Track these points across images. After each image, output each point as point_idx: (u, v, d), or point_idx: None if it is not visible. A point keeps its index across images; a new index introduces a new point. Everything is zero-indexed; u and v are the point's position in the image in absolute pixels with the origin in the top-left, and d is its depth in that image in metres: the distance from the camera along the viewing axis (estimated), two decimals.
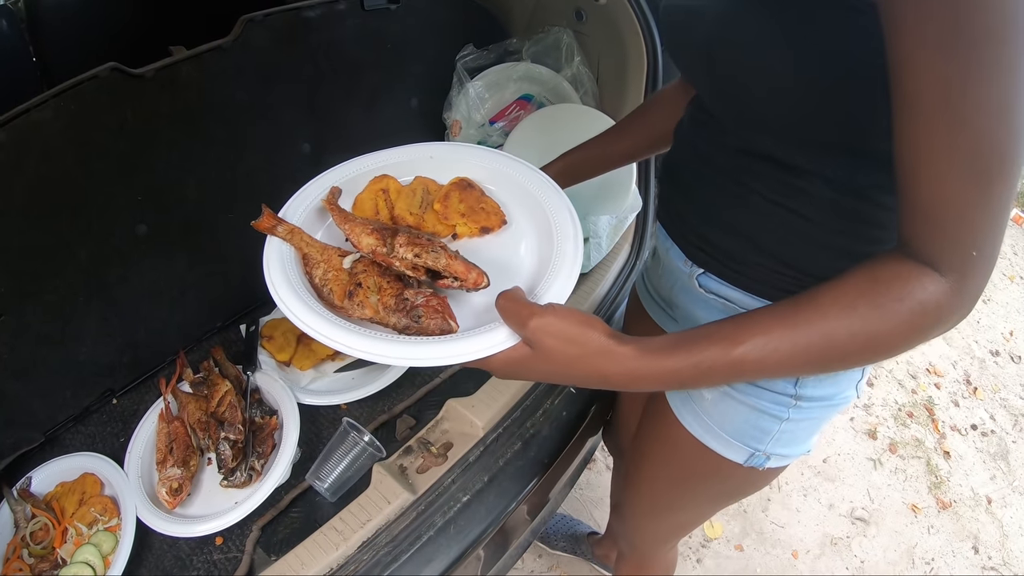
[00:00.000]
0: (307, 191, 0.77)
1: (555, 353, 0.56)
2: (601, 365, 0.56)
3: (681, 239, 0.84)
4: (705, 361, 0.55)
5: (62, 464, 1.06)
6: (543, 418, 1.10)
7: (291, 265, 0.67)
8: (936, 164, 0.49)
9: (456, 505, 0.98)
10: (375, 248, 0.66)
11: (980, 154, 0.47)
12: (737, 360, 0.55)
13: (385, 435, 1.10)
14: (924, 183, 0.50)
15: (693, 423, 0.88)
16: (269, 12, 1.07)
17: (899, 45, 0.47)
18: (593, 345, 0.55)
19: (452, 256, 0.65)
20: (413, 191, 0.80)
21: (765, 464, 0.86)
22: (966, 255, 0.51)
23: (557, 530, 1.76)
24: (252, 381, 1.14)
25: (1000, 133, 0.47)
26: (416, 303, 0.62)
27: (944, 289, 0.52)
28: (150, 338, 1.21)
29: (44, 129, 0.92)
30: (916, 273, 0.53)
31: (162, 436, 1.08)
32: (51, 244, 1.00)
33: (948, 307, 0.53)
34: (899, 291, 0.53)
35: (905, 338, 0.54)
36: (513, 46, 1.48)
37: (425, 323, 0.61)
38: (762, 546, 1.95)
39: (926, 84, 0.46)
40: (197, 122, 1.09)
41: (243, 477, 1.01)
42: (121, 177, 1.04)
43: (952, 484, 2.21)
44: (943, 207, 0.50)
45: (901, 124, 0.50)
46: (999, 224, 0.51)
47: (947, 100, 0.46)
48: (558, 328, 0.55)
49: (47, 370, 1.08)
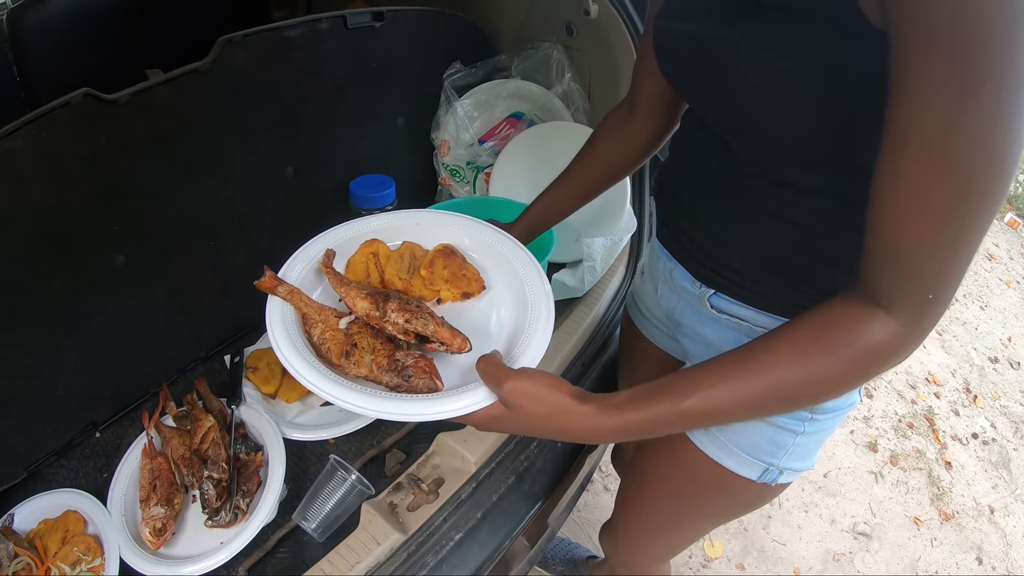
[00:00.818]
0: (304, 252, 0.83)
1: (526, 412, 0.63)
2: (566, 422, 0.62)
3: (689, 260, 0.84)
4: (656, 416, 0.60)
5: (45, 501, 1.02)
6: (537, 450, 1.07)
7: (291, 324, 0.73)
8: (914, 203, 0.49)
9: (449, 544, 0.95)
10: (369, 312, 0.74)
11: (962, 199, 0.47)
12: (684, 413, 0.59)
13: (374, 470, 1.07)
14: (897, 221, 0.51)
15: (704, 440, 0.87)
16: (248, 32, 1.04)
17: (902, 79, 0.46)
18: (559, 405, 0.62)
19: (439, 323, 0.72)
20: (401, 256, 0.87)
21: (778, 479, 0.85)
22: (922, 298, 0.52)
23: (555, 554, 1.73)
24: (237, 415, 1.10)
25: (986, 180, 0.46)
26: (407, 364, 0.69)
27: (892, 330, 0.54)
28: (132, 370, 1.17)
29: (15, 158, 0.89)
30: (865, 316, 0.55)
31: (145, 473, 1.04)
32: (25, 277, 0.96)
33: (895, 347, 0.55)
34: (849, 335, 0.55)
35: (853, 379, 0.58)
36: (502, 63, 1.45)
37: (415, 382, 0.68)
38: (763, 564, 1.92)
39: (921, 121, 0.46)
40: (175, 148, 1.06)
41: (228, 517, 0.97)
42: (97, 206, 1.00)
43: (954, 495, 2.19)
44: (909, 248, 0.51)
45: (886, 156, 0.50)
46: (962, 270, 0.52)
47: (940, 140, 0.46)
48: (529, 391, 0.63)
49: (26, 404, 1.04)
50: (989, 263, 3.31)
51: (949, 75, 0.44)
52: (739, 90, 0.63)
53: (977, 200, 0.47)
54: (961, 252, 0.50)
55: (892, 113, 0.48)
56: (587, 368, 1.25)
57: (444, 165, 1.53)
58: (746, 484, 0.86)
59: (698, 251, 0.81)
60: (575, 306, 1.32)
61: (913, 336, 0.55)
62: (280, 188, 1.24)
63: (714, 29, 0.63)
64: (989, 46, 0.42)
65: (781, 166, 0.67)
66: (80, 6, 1.43)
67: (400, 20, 1.28)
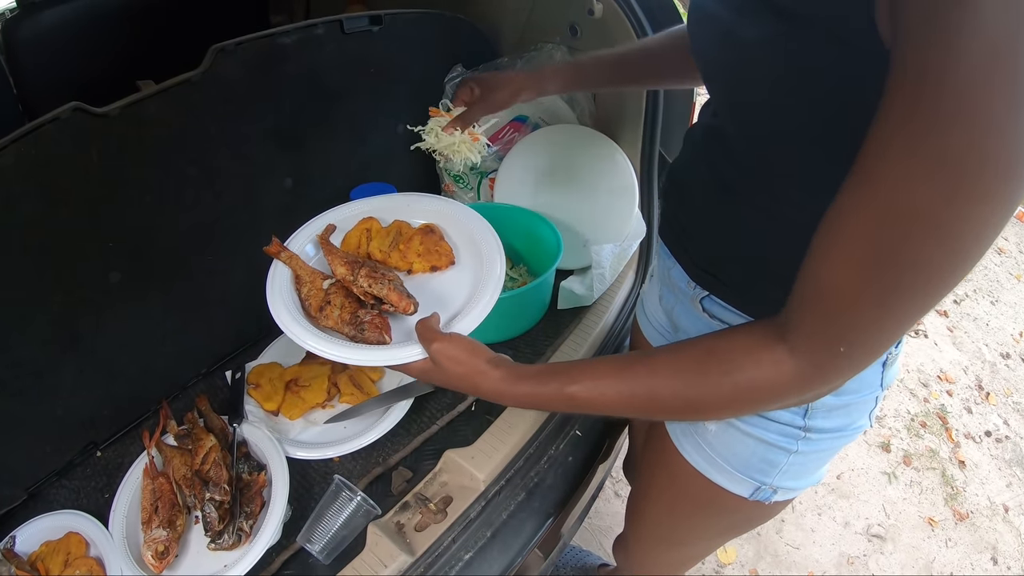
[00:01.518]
0: (310, 226, 0.98)
1: (447, 370, 0.73)
2: (477, 382, 0.71)
3: (687, 260, 0.81)
4: (547, 392, 0.68)
5: (46, 522, 1.01)
6: (548, 466, 1.04)
7: (286, 283, 0.89)
8: (850, 247, 0.46)
9: (458, 564, 0.92)
10: (344, 276, 0.88)
11: (897, 261, 0.44)
12: (569, 395, 0.66)
13: (380, 489, 1.04)
14: (830, 260, 0.48)
15: (694, 454, 0.85)
16: (241, 40, 1.00)
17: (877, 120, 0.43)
18: (473, 367, 0.71)
19: (392, 289, 0.85)
20: (389, 232, 0.99)
21: (772, 498, 0.83)
22: (831, 347, 0.50)
23: (567, 562, 1.71)
24: (239, 433, 1.08)
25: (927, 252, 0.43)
26: (363, 320, 0.82)
27: (784, 370, 0.54)
28: (131, 388, 1.14)
29: (5, 175, 0.86)
30: (756, 349, 0.55)
31: (147, 494, 1.02)
32: (18, 297, 0.94)
33: (785, 388, 0.55)
34: (728, 365, 0.57)
35: (731, 406, 0.60)
36: (504, 65, 1.42)
37: (367, 335, 0.81)
38: (777, 569, 1.89)
39: (881, 170, 0.43)
40: (169, 161, 1.03)
41: (231, 540, 0.94)
42: (90, 223, 0.98)
43: (968, 494, 2.16)
44: (834, 292, 0.48)
45: (845, 183, 0.46)
46: (885, 335, 0.49)
47: (891, 195, 0.42)
48: (450, 352, 0.72)
49: (25, 425, 1.03)
50: (999, 257, 3.27)
51: (920, 129, 0.40)
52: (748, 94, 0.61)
53: (921, 273, 0.45)
54: (888, 317, 0.47)
55: (864, 144, 0.45)
56: None
57: (447, 171, 1.50)
58: (739, 501, 0.84)
59: (696, 251, 0.79)
60: (584, 315, 1.29)
61: (808, 382, 0.54)
62: (279, 199, 1.21)
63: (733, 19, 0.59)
64: (977, 116, 0.38)
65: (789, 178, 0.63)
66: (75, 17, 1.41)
67: (398, 23, 1.25)
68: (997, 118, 0.38)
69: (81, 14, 1.41)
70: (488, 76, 1.02)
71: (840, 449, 0.81)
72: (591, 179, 1.38)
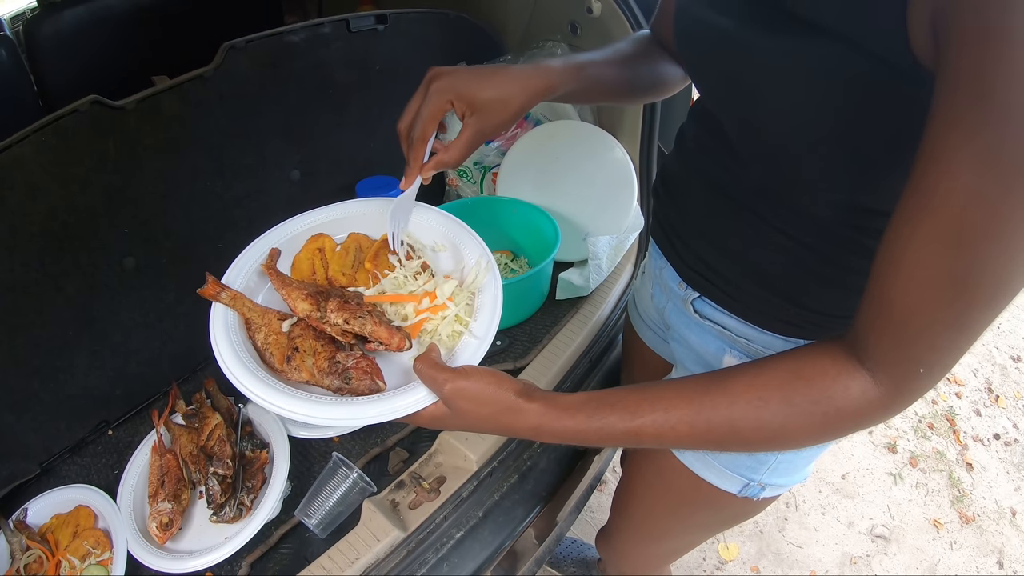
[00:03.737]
0: (248, 254, 0.80)
1: (469, 414, 0.61)
2: (511, 421, 0.60)
3: (678, 261, 0.81)
4: (606, 427, 0.57)
5: (57, 496, 1.05)
6: (541, 450, 1.07)
7: (235, 330, 0.71)
8: (921, 269, 0.44)
9: (449, 542, 0.95)
10: (310, 313, 0.71)
11: (971, 280, 0.43)
12: (635, 430, 0.57)
13: (378, 468, 1.08)
14: (900, 283, 0.46)
15: (684, 451, 0.86)
16: (251, 38, 1.06)
17: (937, 130, 0.41)
18: (503, 404, 0.60)
19: (377, 322, 0.69)
20: (347, 250, 0.83)
21: (760, 494, 0.83)
22: (912, 370, 0.48)
23: (567, 555, 1.73)
24: (244, 413, 1.12)
25: (1000, 267, 0.42)
26: (347, 366, 0.67)
27: (871, 397, 0.50)
28: (143, 370, 1.19)
29: (26, 165, 0.91)
30: (844, 375, 0.51)
31: (154, 469, 1.06)
32: (37, 279, 0.99)
33: (870, 414, 0.52)
34: (819, 392, 0.51)
35: (814, 436, 0.54)
36: (507, 63, 1.45)
37: (355, 384, 0.65)
38: (779, 567, 1.90)
39: (948, 185, 0.41)
40: (182, 152, 1.08)
41: (232, 512, 0.98)
42: (106, 210, 1.03)
43: (975, 497, 2.14)
44: (908, 316, 0.46)
45: (904, 205, 0.45)
46: (961, 351, 0.47)
47: (962, 213, 0.41)
48: (471, 393, 0.60)
49: (40, 403, 1.07)
50: None
51: (991, 142, 0.38)
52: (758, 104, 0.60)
53: (996, 289, 0.43)
54: (964, 332, 0.46)
55: (919, 163, 0.43)
56: (593, 367, 1.24)
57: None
58: (727, 498, 0.84)
59: (688, 252, 0.79)
60: (581, 305, 1.32)
61: (892, 406, 0.51)
62: (286, 191, 1.26)
63: (743, 31, 0.58)
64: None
65: (789, 184, 0.63)
66: (93, 16, 1.46)
67: (403, 22, 1.29)
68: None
69: (98, 14, 1.47)
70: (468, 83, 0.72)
71: (827, 446, 0.80)
72: (591, 174, 1.41)
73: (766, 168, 0.65)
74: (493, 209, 1.39)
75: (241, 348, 0.69)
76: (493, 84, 0.72)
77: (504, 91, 0.72)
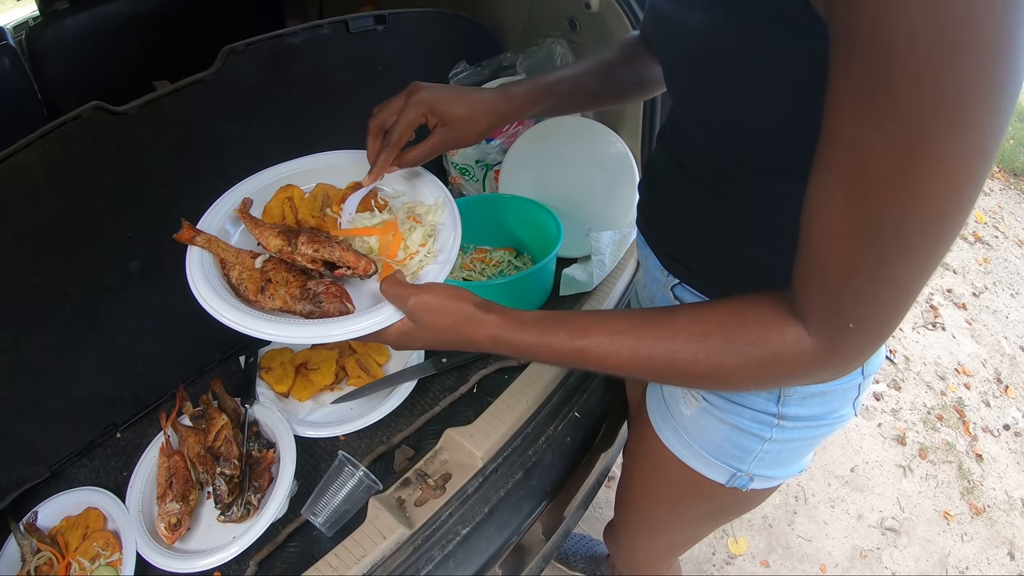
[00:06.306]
0: (220, 204, 0.86)
1: (432, 325, 0.65)
2: (469, 330, 0.64)
3: (658, 248, 0.83)
4: (554, 343, 0.61)
5: (67, 499, 1.07)
6: (546, 445, 1.07)
7: (210, 269, 0.77)
8: (831, 221, 0.45)
9: (455, 539, 0.95)
10: (281, 248, 0.77)
11: (874, 230, 0.43)
12: (580, 349, 0.60)
13: (384, 466, 1.08)
14: (815, 234, 0.47)
15: (672, 439, 0.86)
16: (251, 41, 1.06)
17: (832, 89, 0.43)
18: (463, 314, 0.64)
19: (345, 249, 0.75)
20: (315, 196, 0.90)
21: (748, 485, 0.83)
22: (840, 324, 0.49)
23: (576, 550, 1.73)
24: (250, 414, 1.13)
25: (900, 218, 0.42)
26: (318, 291, 0.72)
27: (805, 347, 0.52)
28: (150, 372, 1.20)
29: (30, 171, 0.92)
30: (780, 322, 0.53)
31: (162, 471, 1.07)
32: (43, 284, 1.00)
33: (807, 366, 0.53)
34: (756, 335, 0.54)
35: (751, 379, 0.56)
36: (507, 60, 1.46)
37: (326, 307, 0.71)
38: (788, 561, 1.89)
39: (845, 138, 0.42)
40: (184, 156, 1.08)
41: (239, 512, 0.99)
42: (111, 215, 1.04)
43: (985, 488, 2.14)
44: (825, 266, 0.47)
45: (815, 165, 0.46)
46: (891, 307, 0.48)
47: (858, 162, 0.42)
48: (433, 304, 0.65)
49: (48, 406, 1.08)
50: (1020, 250, 3.21)
51: (872, 89, 0.39)
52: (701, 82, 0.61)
53: (906, 239, 0.43)
54: (887, 287, 0.46)
55: (824, 116, 0.44)
56: None
57: (453, 164, 1.54)
58: (717, 488, 0.84)
59: (667, 240, 0.80)
60: (585, 300, 1.32)
61: (830, 361, 0.52)
62: None
63: (683, 13, 0.60)
64: (918, 70, 0.37)
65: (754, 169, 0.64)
66: (94, 23, 1.48)
67: (402, 22, 1.29)
68: (937, 69, 0.37)
69: (100, 21, 1.48)
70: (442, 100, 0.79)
71: (823, 439, 0.80)
72: (593, 169, 1.41)
73: (716, 148, 0.67)
74: (495, 207, 1.39)
75: (217, 284, 0.75)
76: (464, 104, 0.80)
77: (473, 111, 0.80)
